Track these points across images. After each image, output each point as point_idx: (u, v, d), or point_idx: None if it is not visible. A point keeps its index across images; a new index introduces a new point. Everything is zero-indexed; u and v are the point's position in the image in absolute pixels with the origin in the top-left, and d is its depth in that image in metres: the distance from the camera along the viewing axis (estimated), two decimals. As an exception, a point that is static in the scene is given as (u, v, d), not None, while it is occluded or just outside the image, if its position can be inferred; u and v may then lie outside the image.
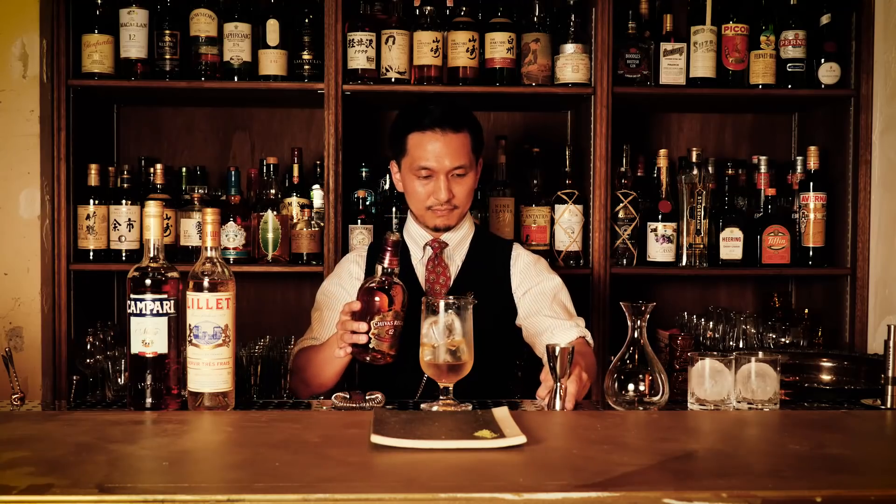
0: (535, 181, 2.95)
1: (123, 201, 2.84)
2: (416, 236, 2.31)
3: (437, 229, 2.26)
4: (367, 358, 1.86)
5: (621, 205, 2.91)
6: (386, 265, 1.88)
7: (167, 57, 2.83)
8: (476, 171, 2.28)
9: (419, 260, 2.29)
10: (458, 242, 2.30)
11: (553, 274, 2.32)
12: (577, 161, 2.98)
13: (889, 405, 1.84)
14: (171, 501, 1.13)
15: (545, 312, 2.22)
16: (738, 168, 3.09)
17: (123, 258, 2.84)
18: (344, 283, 2.30)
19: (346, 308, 1.89)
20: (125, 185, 2.90)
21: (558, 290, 2.27)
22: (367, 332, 1.84)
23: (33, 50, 2.71)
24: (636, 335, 1.76)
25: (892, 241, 2.82)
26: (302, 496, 1.14)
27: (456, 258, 2.30)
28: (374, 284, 1.88)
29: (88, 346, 2.61)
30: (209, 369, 1.69)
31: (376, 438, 1.37)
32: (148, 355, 1.69)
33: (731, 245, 2.93)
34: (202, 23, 2.83)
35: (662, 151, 2.94)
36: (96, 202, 2.81)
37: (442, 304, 1.70)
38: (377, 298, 1.86)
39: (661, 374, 1.74)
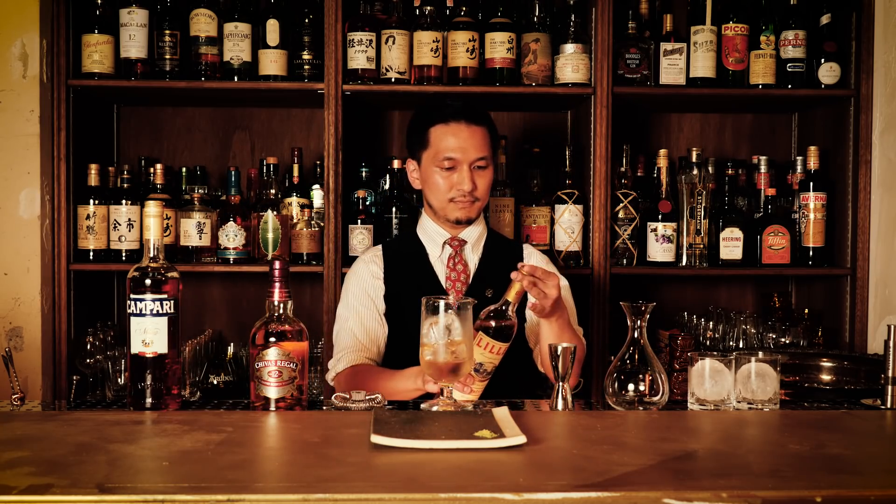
0: (535, 181, 2.95)
1: (123, 201, 2.83)
2: (432, 234, 2.33)
3: (459, 222, 2.28)
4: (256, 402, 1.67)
5: (621, 205, 2.91)
6: (276, 300, 1.68)
7: (167, 57, 2.83)
8: (493, 168, 2.33)
9: (437, 258, 2.31)
10: (476, 241, 2.34)
11: (560, 275, 2.28)
12: (577, 161, 2.98)
13: (889, 405, 1.84)
14: (171, 501, 1.13)
15: None
16: (738, 168, 3.08)
17: (123, 258, 2.83)
18: (367, 284, 2.28)
19: None
20: (125, 185, 2.90)
21: (566, 295, 2.26)
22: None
23: (33, 50, 2.71)
24: (636, 335, 1.76)
25: (892, 241, 2.82)
26: (302, 496, 1.14)
27: (473, 256, 2.33)
28: (258, 324, 1.69)
29: (88, 346, 2.62)
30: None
31: (376, 438, 1.37)
32: (148, 355, 1.70)
33: (731, 245, 2.93)
34: (202, 23, 2.83)
35: (662, 151, 2.93)
36: (96, 202, 2.81)
37: (442, 304, 1.69)
38: (257, 340, 1.68)
39: (661, 374, 1.74)
